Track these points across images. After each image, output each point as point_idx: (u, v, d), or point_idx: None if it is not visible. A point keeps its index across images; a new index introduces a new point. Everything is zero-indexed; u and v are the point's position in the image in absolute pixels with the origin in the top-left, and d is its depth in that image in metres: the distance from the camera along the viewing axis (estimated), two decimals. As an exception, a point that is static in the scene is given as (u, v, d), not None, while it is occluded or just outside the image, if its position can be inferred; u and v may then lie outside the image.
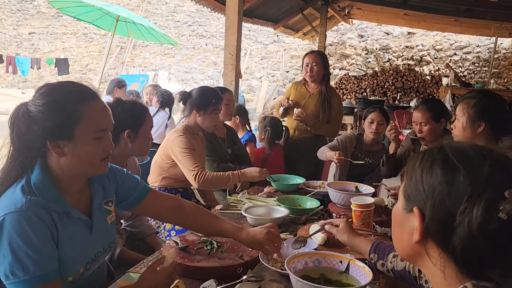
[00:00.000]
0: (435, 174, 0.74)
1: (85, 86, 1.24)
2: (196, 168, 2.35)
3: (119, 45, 16.65)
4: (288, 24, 8.70)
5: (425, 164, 0.77)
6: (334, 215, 2.12)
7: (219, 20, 17.60)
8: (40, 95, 1.18)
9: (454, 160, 0.74)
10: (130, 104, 1.98)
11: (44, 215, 1.12)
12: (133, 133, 1.95)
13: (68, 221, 1.20)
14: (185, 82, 15.04)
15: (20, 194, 1.12)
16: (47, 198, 1.15)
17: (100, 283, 1.44)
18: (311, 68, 3.31)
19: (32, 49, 17.87)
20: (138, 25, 8.42)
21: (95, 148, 1.22)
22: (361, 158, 3.16)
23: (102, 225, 1.34)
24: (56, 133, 1.16)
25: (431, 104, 2.72)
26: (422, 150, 0.80)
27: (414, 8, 6.99)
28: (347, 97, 9.62)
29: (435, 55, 12.36)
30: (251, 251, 1.57)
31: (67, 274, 1.20)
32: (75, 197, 1.26)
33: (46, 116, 1.15)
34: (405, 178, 0.83)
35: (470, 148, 0.75)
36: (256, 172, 2.47)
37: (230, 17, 3.98)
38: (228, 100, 2.95)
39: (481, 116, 1.93)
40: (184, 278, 1.41)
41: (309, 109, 3.33)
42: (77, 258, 1.23)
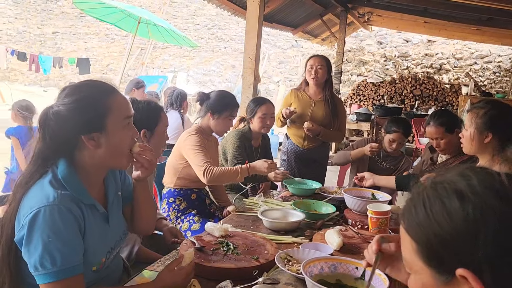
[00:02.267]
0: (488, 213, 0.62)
1: (105, 82, 1.32)
2: (205, 164, 2.35)
3: (139, 46, 16.88)
4: (307, 29, 8.71)
5: (453, 203, 0.64)
6: (350, 221, 2.12)
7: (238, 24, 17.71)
8: (67, 95, 1.24)
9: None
10: (145, 103, 2.02)
11: (74, 208, 1.17)
12: (149, 132, 1.98)
13: (92, 214, 1.26)
14: (203, 85, 15.16)
15: (50, 188, 1.16)
16: (76, 191, 1.20)
17: (118, 274, 1.49)
18: (316, 71, 3.17)
19: (55, 48, 18.25)
20: (159, 27, 8.54)
21: (125, 135, 1.30)
22: (379, 162, 3.18)
23: (116, 215, 1.41)
24: (89, 126, 1.23)
25: (442, 118, 2.69)
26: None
27: (435, 16, 6.92)
28: (364, 103, 9.57)
29: (455, 64, 12.20)
30: (267, 254, 1.59)
31: (91, 264, 1.25)
32: (95, 189, 1.31)
33: (78, 112, 1.21)
34: (408, 237, 0.70)
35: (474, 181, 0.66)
36: (264, 166, 2.43)
37: (250, 21, 4.02)
38: (263, 114, 2.88)
39: (489, 127, 1.92)
40: (200, 278, 1.43)
41: (318, 118, 3.21)
42: (99, 248, 1.28)
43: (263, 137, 3.10)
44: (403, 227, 0.72)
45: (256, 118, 2.88)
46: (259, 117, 2.87)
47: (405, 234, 0.71)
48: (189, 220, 2.44)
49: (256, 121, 2.89)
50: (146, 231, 1.68)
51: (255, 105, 2.91)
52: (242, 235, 1.80)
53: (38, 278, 1.13)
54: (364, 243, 1.79)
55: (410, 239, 0.69)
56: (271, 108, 2.93)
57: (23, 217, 1.13)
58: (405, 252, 0.72)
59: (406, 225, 0.71)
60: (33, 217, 1.12)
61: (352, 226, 2.04)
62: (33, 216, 1.12)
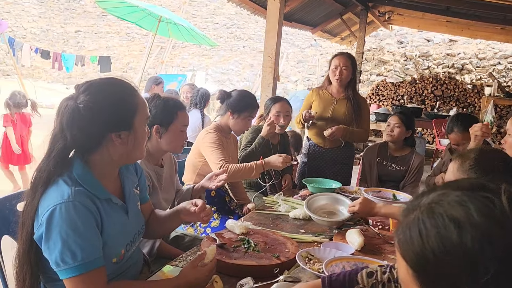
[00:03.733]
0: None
1: (128, 81, 1.35)
2: (221, 162, 2.36)
3: (159, 45, 17.05)
4: (326, 29, 8.65)
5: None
6: (371, 221, 2.11)
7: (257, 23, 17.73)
8: (97, 91, 1.24)
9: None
10: (163, 100, 2.00)
11: (89, 203, 1.19)
12: (162, 128, 1.96)
13: (109, 207, 1.28)
14: (222, 83, 15.23)
15: (65, 186, 1.19)
16: (91, 187, 1.23)
17: (138, 267, 1.51)
18: (341, 72, 3.05)
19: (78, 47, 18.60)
20: (179, 26, 8.60)
21: (145, 135, 1.35)
22: (388, 165, 3.15)
23: (135, 209, 1.43)
24: (119, 124, 1.26)
25: (465, 123, 2.65)
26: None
27: (458, 15, 6.79)
28: (384, 103, 9.47)
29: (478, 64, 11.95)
30: (288, 252, 1.59)
31: (111, 256, 1.28)
32: (111, 184, 1.34)
33: (111, 109, 1.24)
34: (404, 262, 0.68)
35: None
36: (279, 161, 2.42)
37: (270, 20, 4.02)
38: (277, 112, 2.85)
39: None
40: (222, 274, 1.44)
41: (339, 116, 3.12)
42: (118, 240, 1.31)
43: (282, 135, 3.06)
44: (398, 251, 0.69)
45: (271, 115, 2.87)
46: (273, 115, 2.86)
47: (401, 258, 0.69)
48: (209, 217, 2.46)
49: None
50: (156, 238, 1.85)
51: (270, 103, 2.91)
52: (263, 233, 1.81)
53: (61, 274, 1.15)
54: (385, 244, 1.78)
55: (405, 264, 0.67)
56: (285, 106, 2.88)
57: (41, 215, 1.16)
58: (401, 274, 0.71)
59: (401, 251, 0.68)
60: (50, 215, 1.15)
61: (373, 226, 2.03)
62: (50, 214, 1.15)
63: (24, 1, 20.80)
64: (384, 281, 1.10)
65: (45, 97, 11.74)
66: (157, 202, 2.05)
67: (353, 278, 1.13)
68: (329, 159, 3.22)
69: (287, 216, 2.17)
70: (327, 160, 3.22)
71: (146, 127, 1.37)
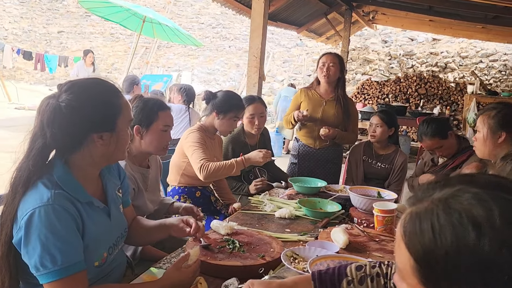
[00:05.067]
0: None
1: (112, 82, 1.33)
2: (201, 161, 2.34)
3: (144, 45, 16.92)
4: (311, 28, 8.68)
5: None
6: (356, 219, 2.12)
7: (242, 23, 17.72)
8: (80, 91, 1.22)
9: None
10: (144, 100, 1.99)
11: (69, 206, 1.17)
12: (142, 129, 1.95)
13: (91, 210, 1.26)
14: (208, 83, 15.17)
15: (44, 189, 1.16)
16: (72, 190, 1.21)
17: (121, 270, 1.49)
18: (328, 68, 3.05)
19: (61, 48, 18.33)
20: (163, 26, 8.55)
21: (128, 137, 1.34)
22: (373, 164, 3.19)
23: (117, 212, 1.42)
24: (102, 125, 1.24)
25: (432, 129, 2.77)
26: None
27: (440, 14, 6.88)
28: (369, 102, 9.54)
29: (460, 62, 12.14)
30: (273, 252, 1.59)
31: (93, 259, 1.26)
32: (92, 186, 1.32)
33: (94, 109, 1.22)
34: (407, 252, 0.65)
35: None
36: (259, 156, 2.42)
37: (255, 19, 4.02)
38: (251, 114, 2.83)
39: (502, 126, 1.94)
40: (206, 275, 1.43)
41: (329, 117, 3.12)
42: (101, 243, 1.29)
43: (262, 133, 3.04)
44: (402, 240, 0.66)
45: (245, 118, 2.84)
46: (247, 117, 2.83)
47: (404, 248, 0.66)
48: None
49: (245, 121, 2.86)
50: (141, 245, 1.85)
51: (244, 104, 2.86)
52: (248, 233, 1.80)
53: (41, 278, 1.13)
54: (370, 242, 1.79)
55: (409, 255, 0.64)
56: (259, 107, 2.86)
57: (20, 219, 1.14)
58: (401, 263, 0.68)
59: (407, 241, 0.65)
60: (29, 219, 1.12)
61: (358, 224, 2.04)
62: (28, 218, 1.12)
63: (5, 2, 20.41)
64: (373, 275, 1.10)
65: (28, 99, 11.54)
66: (143, 204, 2.03)
67: (342, 271, 1.13)
68: (319, 159, 3.24)
69: (272, 215, 2.17)
70: (317, 160, 3.24)
71: (129, 129, 1.35)
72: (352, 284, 1.11)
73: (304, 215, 2.18)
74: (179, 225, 1.52)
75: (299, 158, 3.27)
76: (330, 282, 1.12)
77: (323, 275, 1.13)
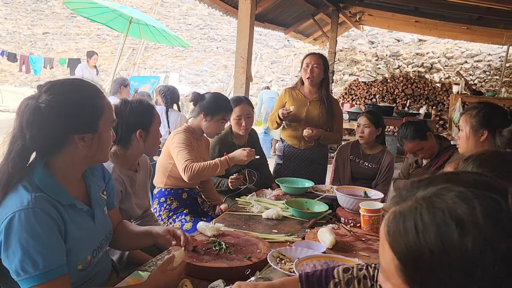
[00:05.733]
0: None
1: (94, 83, 1.31)
2: (186, 162, 2.31)
3: (131, 46, 16.80)
4: (299, 29, 8.72)
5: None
6: (342, 219, 2.13)
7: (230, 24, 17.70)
8: (60, 92, 1.20)
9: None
10: (138, 103, 1.97)
11: (51, 209, 1.15)
12: (144, 132, 1.95)
13: (74, 213, 1.24)
14: (196, 85, 15.12)
15: (24, 192, 1.14)
16: (53, 193, 1.18)
17: (105, 273, 1.47)
18: (312, 70, 3.05)
19: (46, 49, 18.10)
20: (150, 27, 8.49)
21: (110, 138, 1.32)
22: (360, 163, 3.20)
23: (102, 214, 1.40)
24: (83, 127, 1.22)
25: (410, 131, 2.83)
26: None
27: (426, 15, 6.96)
28: (356, 102, 9.61)
29: (446, 63, 12.28)
30: (260, 253, 1.58)
31: (76, 263, 1.23)
32: (75, 188, 1.30)
33: (75, 111, 1.20)
34: (391, 252, 0.64)
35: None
36: (243, 155, 2.40)
37: (242, 20, 4.01)
38: (237, 116, 2.82)
39: (483, 125, 1.97)
40: (192, 277, 1.42)
41: (313, 118, 3.12)
42: (84, 246, 1.27)
43: (250, 134, 3.03)
44: (386, 240, 0.65)
45: (232, 119, 2.83)
46: (234, 119, 2.83)
47: (388, 247, 0.64)
48: (181, 219, 2.43)
49: (232, 122, 2.85)
50: (126, 250, 1.82)
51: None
52: (235, 234, 1.79)
53: (22, 283, 1.10)
54: (357, 241, 1.79)
55: (392, 255, 0.63)
56: (246, 108, 2.85)
57: None
58: (385, 262, 0.67)
59: (390, 240, 0.64)
60: (8, 223, 1.10)
61: (345, 224, 2.05)
62: (8, 222, 1.10)
63: (-11, 3, 20.12)
64: (360, 277, 1.11)
65: (12, 101, 11.36)
66: (129, 208, 2.01)
67: (330, 273, 1.13)
68: (304, 159, 3.23)
69: (260, 216, 2.16)
70: (302, 161, 3.24)
71: (111, 131, 1.33)
72: (339, 286, 1.10)
73: (291, 216, 2.17)
74: (166, 237, 1.49)
75: (284, 159, 3.27)
76: (317, 283, 1.12)
77: (310, 277, 1.13)
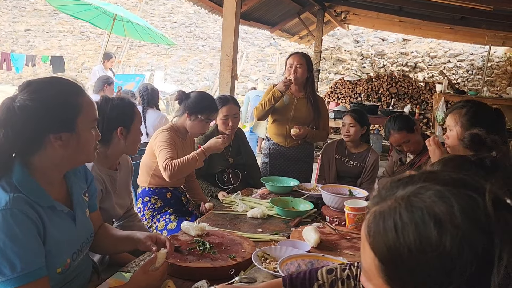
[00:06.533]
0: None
1: (73, 81, 1.28)
2: (166, 161, 2.28)
3: (115, 44, 16.58)
4: (284, 28, 8.72)
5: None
6: (328, 218, 2.13)
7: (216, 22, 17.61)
8: (37, 90, 1.18)
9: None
10: (119, 100, 1.94)
11: (29, 210, 1.12)
12: (125, 130, 1.91)
13: (53, 214, 1.21)
14: (181, 83, 15.01)
15: (2, 192, 1.11)
16: (32, 194, 1.15)
17: (86, 276, 1.44)
18: (295, 70, 3.07)
19: (28, 46, 17.75)
20: (135, 25, 8.40)
21: (92, 138, 1.28)
22: (346, 162, 3.21)
23: (83, 216, 1.37)
24: (60, 126, 1.19)
25: (399, 123, 2.83)
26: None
27: (410, 15, 7.04)
28: (342, 101, 9.66)
29: (430, 62, 12.44)
30: (244, 253, 1.57)
31: (55, 265, 1.20)
32: (56, 190, 1.27)
33: (49, 109, 1.17)
34: (372, 253, 0.64)
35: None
36: (218, 143, 2.39)
37: (227, 18, 3.99)
38: (225, 116, 2.79)
39: (474, 123, 1.96)
40: (176, 278, 1.40)
41: (301, 115, 3.16)
42: (64, 249, 1.24)
43: (236, 134, 3.01)
44: (367, 240, 0.65)
45: (218, 119, 2.81)
46: (221, 119, 2.80)
47: (368, 248, 0.65)
48: (165, 219, 2.40)
49: (219, 122, 2.82)
50: (107, 254, 1.81)
51: (218, 105, 2.78)
52: (219, 234, 1.77)
53: None
54: (342, 240, 1.79)
55: (373, 255, 0.64)
56: (233, 108, 2.83)
57: None
58: (366, 263, 0.67)
59: (371, 240, 0.64)
60: None
61: (330, 222, 2.05)
62: None
63: (-32, -1, 19.66)
64: (344, 278, 1.10)
65: (-7, 99, 11.11)
66: (110, 207, 1.98)
67: (313, 275, 1.13)
68: (290, 157, 3.25)
69: (245, 215, 2.15)
70: (288, 159, 3.25)
71: (95, 130, 1.30)
72: (322, 287, 1.10)
73: (276, 215, 2.17)
74: (146, 243, 1.44)
75: (270, 157, 3.28)
76: (301, 286, 1.11)
77: (294, 280, 1.13)
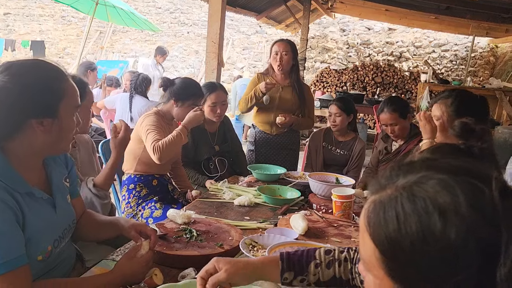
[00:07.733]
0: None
1: (56, 65, 1.24)
2: (153, 143, 2.25)
3: (98, 29, 16.24)
4: (271, 15, 8.65)
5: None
6: (315, 205, 2.13)
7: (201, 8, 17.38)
8: (18, 73, 1.13)
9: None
10: (71, 77, 1.93)
11: (7, 197, 1.09)
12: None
13: (32, 201, 1.18)
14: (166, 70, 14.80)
15: None
16: (9, 180, 1.12)
17: (68, 263, 1.41)
18: (281, 57, 3.06)
19: (7, 30, 17.24)
20: (118, 9, 8.21)
21: (73, 124, 1.25)
22: (333, 150, 3.22)
23: (64, 203, 1.33)
24: (42, 110, 1.15)
25: (395, 104, 2.82)
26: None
27: (396, 4, 7.04)
28: (328, 90, 9.68)
29: (414, 52, 12.51)
30: (232, 240, 1.56)
31: (35, 253, 1.17)
32: (34, 176, 1.24)
33: (32, 93, 1.12)
34: (372, 244, 0.62)
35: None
36: (197, 115, 2.36)
37: (213, 4, 3.92)
38: (213, 103, 2.76)
39: (461, 113, 1.97)
40: (163, 266, 1.38)
41: (286, 103, 3.15)
42: (44, 236, 1.21)
43: (222, 121, 2.98)
44: (367, 231, 0.63)
45: (206, 106, 2.77)
46: (209, 106, 2.77)
47: (368, 239, 0.63)
48: (150, 206, 2.37)
49: (206, 109, 2.77)
50: (90, 241, 1.75)
51: (205, 92, 2.75)
52: (206, 221, 1.76)
53: None
54: (329, 227, 1.79)
55: (374, 246, 0.62)
56: (221, 96, 2.81)
57: None
58: (366, 254, 0.65)
59: (371, 231, 0.62)
60: None
61: (317, 210, 2.05)
62: None
63: None
64: (341, 259, 1.10)
65: (-29, 85, 10.80)
66: None
67: (311, 254, 1.13)
68: (276, 145, 3.24)
69: (232, 203, 2.13)
70: (274, 146, 3.24)
71: (76, 116, 1.26)
72: (319, 267, 1.10)
73: (263, 202, 2.16)
74: (130, 233, 1.40)
75: (256, 145, 3.27)
76: (298, 263, 1.10)
77: (291, 256, 1.12)
